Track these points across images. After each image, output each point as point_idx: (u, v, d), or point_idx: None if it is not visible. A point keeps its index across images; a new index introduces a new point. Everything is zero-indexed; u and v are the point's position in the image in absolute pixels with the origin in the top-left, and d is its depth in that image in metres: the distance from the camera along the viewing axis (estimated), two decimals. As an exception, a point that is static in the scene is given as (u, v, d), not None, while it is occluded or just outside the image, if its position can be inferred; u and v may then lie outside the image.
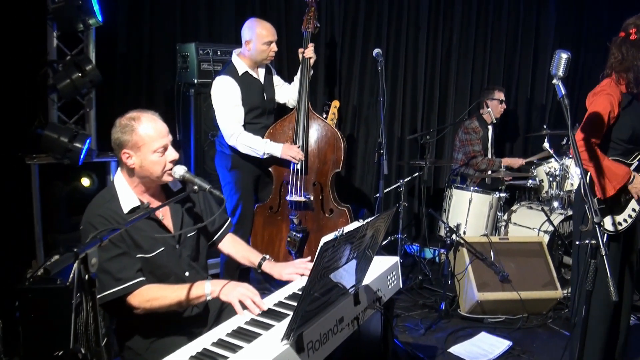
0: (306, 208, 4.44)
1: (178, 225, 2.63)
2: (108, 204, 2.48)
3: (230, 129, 4.19)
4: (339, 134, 4.41)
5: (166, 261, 2.56)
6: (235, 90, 4.19)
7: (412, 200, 6.56)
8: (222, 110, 4.20)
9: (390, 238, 5.64)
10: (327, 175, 4.41)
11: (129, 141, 2.45)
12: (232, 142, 4.21)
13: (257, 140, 4.24)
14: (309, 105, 4.41)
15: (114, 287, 2.38)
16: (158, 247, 2.53)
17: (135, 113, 2.49)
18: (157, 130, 2.49)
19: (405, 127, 6.45)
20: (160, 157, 2.49)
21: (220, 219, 2.92)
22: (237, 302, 2.34)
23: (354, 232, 2.15)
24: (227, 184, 4.41)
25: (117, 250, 2.40)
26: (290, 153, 4.27)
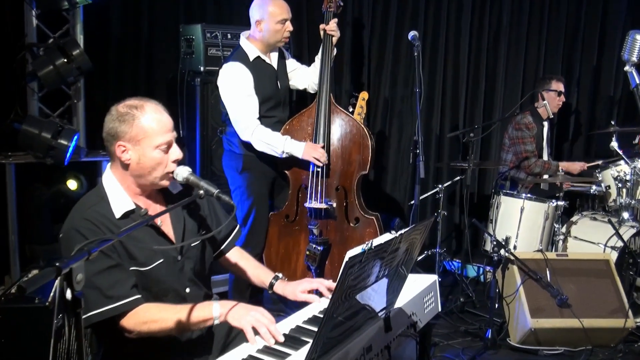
0: (328, 216, 4.43)
1: (180, 233, 2.63)
2: (96, 207, 2.46)
3: (244, 122, 4.20)
4: (366, 131, 4.40)
5: (165, 275, 2.55)
6: (247, 78, 4.20)
7: (452, 209, 6.52)
8: (233, 101, 4.21)
9: (426, 253, 5.60)
10: (352, 178, 4.40)
11: (126, 132, 2.44)
12: (246, 136, 4.22)
13: (276, 137, 4.24)
14: (330, 97, 4.41)
15: (103, 306, 2.35)
16: (156, 258, 2.52)
17: (137, 101, 2.48)
18: (161, 123, 2.48)
19: (445, 123, 6.43)
20: (162, 154, 2.49)
21: (228, 225, 2.91)
22: (249, 328, 2.32)
23: (385, 246, 2.13)
24: (237, 188, 4.42)
25: (108, 261, 2.37)
26: (313, 154, 4.26)
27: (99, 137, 2.53)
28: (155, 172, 2.50)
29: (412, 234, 2.34)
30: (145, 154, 2.46)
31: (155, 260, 2.51)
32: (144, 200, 2.58)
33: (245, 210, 4.38)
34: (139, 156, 2.46)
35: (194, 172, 2.55)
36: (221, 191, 2.51)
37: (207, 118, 4.81)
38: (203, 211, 2.77)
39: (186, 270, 2.63)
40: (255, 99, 4.24)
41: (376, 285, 2.25)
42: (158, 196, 2.64)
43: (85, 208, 2.45)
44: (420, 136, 4.30)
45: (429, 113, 6.35)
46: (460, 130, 5.83)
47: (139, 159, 2.47)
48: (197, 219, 2.73)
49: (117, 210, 2.47)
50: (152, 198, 2.61)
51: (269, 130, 4.22)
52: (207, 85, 4.77)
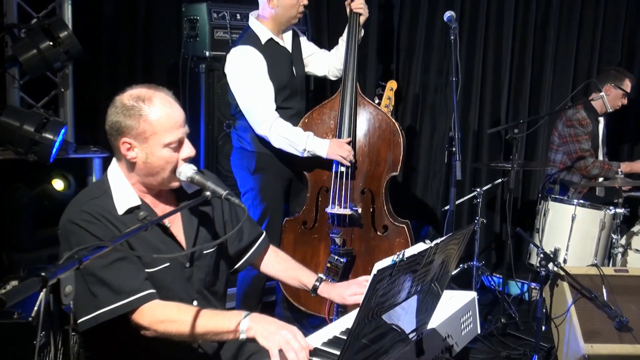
0: (352, 224, 4.43)
1: (191, 237, 2.65)
2: (97, 200, 2.50)
3: (260, 113, 4.19)
4: (397, 126, 4.40)
5: (170, 282, 2.58)
6: (260, 63, 4.20)
7: (492, 216, 6.51)
8: (246, 90, 4.21)
9: (462, 267, 5.59)
10: (380, 180, 4.40)
11: (133, 128, 2.46)
12: (263, 130, 4.21)
13: (297, 132, 4.23)
14: (357, 86, 4.40)
15: (114, 302, 2.39)
16: (162, 261, 2.56)
17: (144, 90, 2.50)
18: (172, 118, 2.49)
19: (484, 117, 6.42)
20: (172, 153, 2.50)
21: (251, 233, 2.95)
22: (277, 351, 2.32)
23: (419, 258, 2.13)
24: (248, 191, 4.43)
25: (115, 253, 2.41)
26: (340, 152, 4.25)
27: (90, 130, 2.55)
28: (163, 172, 2.52)
29: (448, 244, 2.34)
30: (154, 153, 2.48)
31: (160, 262, 2.55)
32: (151, 199, 2.61)
33: (257, 216, 4.39)
34: (146, 155, 2.49)
35: (199, 171, 2.57)
36: (231, 192, 2.52)
37: (213, 110, 4.82)
38: (221, 215, 2.80)
39: (195, 280, 2.66)
40: (271, 86, 4.24)
41: (406, 304, 2.25)
42: (170, 195, 2.67)
43: (84, 200, 2.49)
44: (457, 132, 4.28)
45: (466, 106, 6.34)
46: (502, 126, 5.79)
47: (146, 157, 2.49)
48: (214, 226, 2.75)
49: (120, 205, 2.51)
50: (162, 197, 2.64)
51: (289, 124, 4.22)
52: (213, 72, 4.77)
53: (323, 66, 4.66)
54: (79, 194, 2.56)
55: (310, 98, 4.88)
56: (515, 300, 5.57)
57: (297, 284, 2.95)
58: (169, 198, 2.67)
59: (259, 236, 2.99)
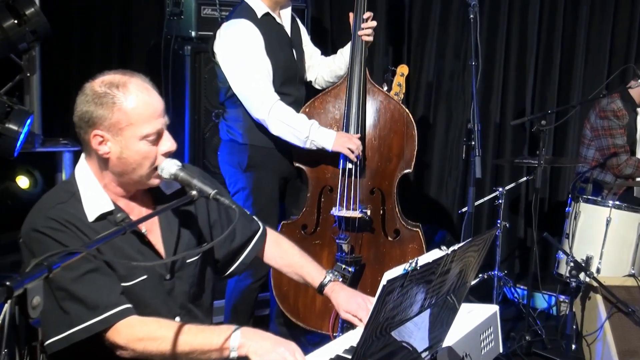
0: (361, 228, 4.43)
1: (172, 244, 2.64)
2: (65, 205, 2.47)
3: (258, 95, 4.19)
4: (411, 118, 4.41)
5: (150, 297, 2.57)
6: (257, 37, 4.21)
7: (516, 220, 6.52)
8: (241, 66, 4.20)
9: (481, 277, 5.61)
10: (391, 178, 4.42)
11: (105, 119, 2.44)
12: (261, 114, 4.20)
13: (300, 119, 4.23)
14: (366, 71, 4.40)
15: (89, 319, 2.38)
16: (139, 273, 2.54)
17: (118, 76, 2.48)
18: (150, 106, 2.47)
19: (507, 107, 6.43)
20: (150, 147, 2.49)
21: (245, 231, 2.95)
22: None
23: (434, 266, 2.13)
24: (239, 191, 4.43)
25: (87, 264, 2.40)
26: (348, 144, 4.24)
27: (59, 121, 2.55)
28: (140, 169, 2.50)
29: (467, 251, 2.34)
30: (129, 147, 2.46)
31: (137, 275, 2.54)
32: (125, 202, 2.59)
33: None
34: (120, 149, 2.47)
35: (183, 166, 2.55)
36: (221, 191, 2.50)
37: (200, 98, 4.83)
38: (209, 217, 2.80)
39: (177, 294, 2.65)
40: (269, 63, 4.24)
41: (419, 318, 2.25)
42: (145, 197, 2.66)
43: (49, 206, 2.47)
44: (477, 123, 4.28)
45: (486, 94, 6.35)
46: (528, 117, 5.79)
47: (121, 152, 2.47)
48: (198, 230, 2.75)
49: (90, 211, 2.48)
50: (138, 199, 2.62)
51: (291, 109, 4.22)
52: (200, 55, 4.78)
53: (313, 70, 4.68)
54: (42, 198, 2.53)
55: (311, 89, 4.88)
56: (541, 315, 5.58)
57: (300, 278, 2.99)
58: (146, 201, 2.65)
59: (255, 232, 2.97)
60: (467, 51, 6.03)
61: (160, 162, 2.52)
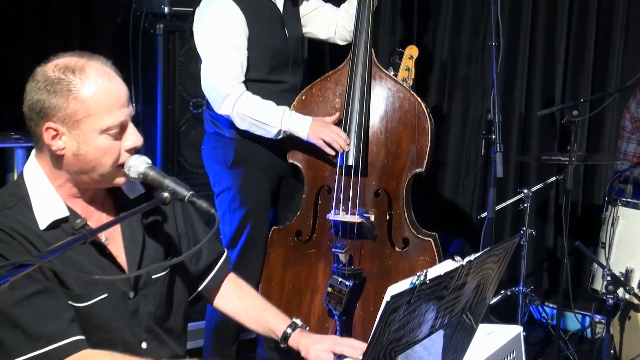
0: (362, 236, 4.44)
1: (135, 257, 2.63)
2: (12, 211, 2.45)
3: (220, 87, 4.20)
4: (424, 107, 4.41)
5: (110, 319, 2.55)
6: (235, 20, 4.21)
7: (543, 226, 6.53)
8: (210, 55, 4.23)
9: (503, 293, 5.62)
10: (400, 178, 4.42)
11: (60, 109, 2.41)
12: (224, 109, 4.22)
13: (269, 110, 4.23)
14: (372, 53, 4.41)
15: (30, 351, 2.35)
16: (98, 292, 2.52)
17: (75, 59, 2.46)
18: (112, 94, 2.44)
19: (533, 94, 6.44)
20: (111, 141, 2.47)
21: (212, 251, 2.94)
22: None
23: (446, 280, 2.12)
24: (224, 191, 4.45)
25: (33, 285, 2.37)
26: (322, 135, 4.24)
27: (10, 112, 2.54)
28: (101, 167, 2.48)
29: (486, 262, 2.32)
30: (87, 142, 2.44)
31: (96, 293, 2.51)
32: (83, 205, 2.57)
33: (236, 225, 4.41)
34: (77, 144, 2.44)
35: (154, 165, 2.54)
36: (196, 194, 2.48)
37: (174, 85, 4.84)
38: (174, 226, 2.79)
39: (142, 315, 2.64)
40: (244, 53, 4.25)
41: (429, 341, 2.24)
42: (106, 201, 2.65)
43: None
44: (497, 114, 4.29)
45: (509, 79, 6.37)
46: (558, 106, 5.79)
47: (78, 148, 2.44)
48: (165, 241, 2.74)
49: (42, 217, 2.46)
50: (97, 203, 2.60)
51: (256, 99, 4.22)
52: (175, 34, 4.79)
53: (328, 25, 4.67)
54: None
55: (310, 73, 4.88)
56: (573, 338, 5.59)
57: (263, 329, 2.92)
58: (106, 206, 2.64)
59: (220, 254, 2.97)
60: (486, 29, 6.04)
61: (125, 159, 2.50)
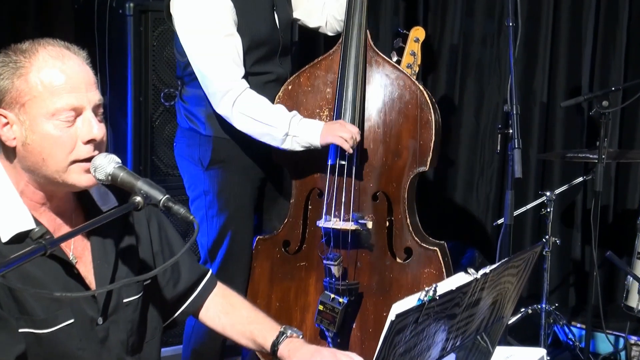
0: (357, 245, 4.45)
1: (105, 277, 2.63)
2: None
3: (221, 83, 4.21)
4: (428, 96, 4.41)
5: (77, 347, 2.53)
6: (224, 6, 4.22)
7: (569, 234, 6.54)
8: (202, 46, 4.23)
9: (524, 311, 5.62)
10: (400, 179, 4.43)
11: (6, 90, 2.41)
12: (223, 109, 4.23)
13: (276, 111, 4.25)
14: (367, 36, 4.42)
15: None
16: (63, 317, 2.51)
17: (30, 42, 2.47)
18: (63, 74, 2.44)
19: (557, 82, 6.45)
20: (63, 129, 2.45)
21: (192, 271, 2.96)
22: None
23: (458, 296, 2.14)
24: (200, 195, 4.46)
25: None
26: (340, 133, 4.22)
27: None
28: (52, 160, 2.45)
29: (503, 275, 2.35)
30: (34, 128, 2.42)
31: (61, 318, 2.50)
32: (49, 217, 2.56)
33: (214, 234, 4.42)
34: (25, 132, 2.43)
35: (124, 166, 2.51)
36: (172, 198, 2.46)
37: (147, 73, 4.86)
38: (152, 247, 2.80)
39: (112, 344, 2.64)
40: (239, 40, 4.27)
41: (440, 365, 2.26)
42: (77, 213, 2.64)
43: None
44: (515, 105, 4.29)
45: (529, 66, 6.38)
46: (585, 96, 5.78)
47: (26, 136, 2.43)
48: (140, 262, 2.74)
49: (4, 229, 2.44)
50: (66, 215, 2.59)
51: (262, 99, 4.23)
52: (147, 15, 4.82)
53: (319, 13, 4.70)
54: None
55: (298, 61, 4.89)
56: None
57: (253, 345, 2.94)
58: (77, 218, 2.63)
59: (203, 275, 2.99)
60: (503, 7, 6.05)
61: (82, 153, 2.47)
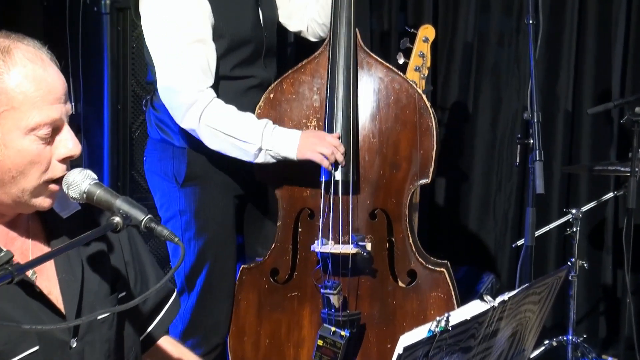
0: (357, 271, 4.46)
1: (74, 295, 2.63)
2: None
3: (183, 94, 4.22)
4: (425, 100, 4.40)
5: None
6: (197, 3, 4.23)
7: (599, 257, 6.55)
8: (166, 52, 4.25)
9: (548, 343, 5.62)
10: (401, 193, 4.45)
11: None
12: (188, 121, 4.25)
13: (246, 122, 4.24)
14: (357, 35, 4.42)
15: None
16: (27, 344, 2.51)
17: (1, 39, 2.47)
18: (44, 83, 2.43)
19: (583, 87, 6.47)
20: (39, 145, 2.45)
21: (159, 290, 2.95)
22: None
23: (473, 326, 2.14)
24: (174, 217, 4.47)
25: None
26: (319, 147, 4.23)
27: None
28: (23, 179, 2.45)
29: (524, 303, 2.35)
30: (8, 143, 2.42)
31: (24, 346, 2.50)
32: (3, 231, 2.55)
33: (192, 260, 4.44)
34: None
35: (100, 182, 2.51)
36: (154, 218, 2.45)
37: (126, 77, 4.92)
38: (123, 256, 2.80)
39: None
40: (211, 47, 4.28)
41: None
42: (32, 222, 2.63)
43: None
44: (536, 112, 4.28)
45: (552, 68, 6.42)
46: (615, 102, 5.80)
47: None
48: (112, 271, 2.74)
49: None
50: (20, 227, 2.59)
51: (230, 109, 4.24)
52: (125, 13, 4.86)
53: (299, 15, 4.74)
54: None
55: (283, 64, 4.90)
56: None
57: None
58: (33, 228, 2.62)
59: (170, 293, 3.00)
60: (522, 3, 6.06)
61: (56, 172, 2.48)
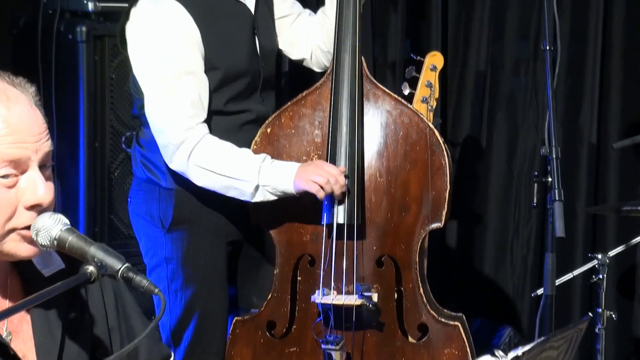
0: (363, 324, 4.45)
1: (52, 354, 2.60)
2: None
3: (171, 132, 4.24)
4: (438, 136, 4.41)
5: None
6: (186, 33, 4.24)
7: (628, 307, 6.54)
8: (151, 84, 4.26)
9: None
10: (411, 238, 4.44)
11: None
12: (177, 162, 4.26)
13: (241, 159, 4.25)
14: (362, 64, 4.42)
15: None
16: None
17: None
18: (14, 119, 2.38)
19: (608, 119, 6.45)
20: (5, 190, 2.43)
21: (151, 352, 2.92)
22: None
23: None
24: (160, 264, 4.47)
25: None
26: (313, 177, 4.21)
27: None
28: None
29: (539, 358, 2.33)
30: None
31: None
32: None
33: (179, 312, 4.43)
34: None
35: (74, 228, 2.49)
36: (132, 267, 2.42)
37: (104, 112, 4.91)
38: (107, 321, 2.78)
39: None
40: (202, 80, 4.29)
41: None
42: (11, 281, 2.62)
43: None
44: (555, 147, 4.28)
45: (573, 98, 6.41)
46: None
47: None
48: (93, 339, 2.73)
49: None
50: None
51: (223, 145, 4.25)
52: (102, 41, 4.86)
53: (302, 42, 4.73)
54: None
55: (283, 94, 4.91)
56: None
57: None
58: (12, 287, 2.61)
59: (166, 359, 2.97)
60: (539, 28, 6.06)
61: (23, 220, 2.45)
